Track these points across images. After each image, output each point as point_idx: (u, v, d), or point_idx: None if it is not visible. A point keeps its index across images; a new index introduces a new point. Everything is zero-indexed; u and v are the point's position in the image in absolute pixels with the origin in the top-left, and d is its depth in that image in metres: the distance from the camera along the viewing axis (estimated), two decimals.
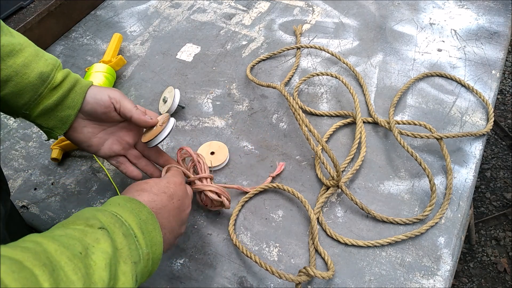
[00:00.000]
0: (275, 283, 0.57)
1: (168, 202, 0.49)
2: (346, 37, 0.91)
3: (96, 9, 1.05)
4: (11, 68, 0.49)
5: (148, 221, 0.44)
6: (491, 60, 0.83)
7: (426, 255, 0.58)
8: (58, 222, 0.66)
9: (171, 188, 0.51)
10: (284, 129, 0.76)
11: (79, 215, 0.40)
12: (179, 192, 0.52)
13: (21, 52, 0.50)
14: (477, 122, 0.73)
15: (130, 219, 0.42)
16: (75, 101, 0.54)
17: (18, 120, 0.82)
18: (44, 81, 0.52)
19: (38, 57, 0.52)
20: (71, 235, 0.35)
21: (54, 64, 0.53)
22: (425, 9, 0.95)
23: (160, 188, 0.50)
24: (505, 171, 1.65)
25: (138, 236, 0.41)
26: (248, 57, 0.89)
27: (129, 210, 0.43)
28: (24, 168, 0.74)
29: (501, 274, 1.41)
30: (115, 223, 0.40)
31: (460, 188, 0.65)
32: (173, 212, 0.49)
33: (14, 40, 0.50)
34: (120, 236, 0.38)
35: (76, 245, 0.33)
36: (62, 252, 0.31)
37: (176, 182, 0.53)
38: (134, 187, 0.50)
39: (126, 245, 0.38)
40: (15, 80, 0.50)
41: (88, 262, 0.33)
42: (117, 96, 0.56)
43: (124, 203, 0.44)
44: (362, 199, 0.64)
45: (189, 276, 0.59)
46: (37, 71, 0.51)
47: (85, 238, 0.35)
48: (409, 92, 0.79)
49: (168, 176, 0.54)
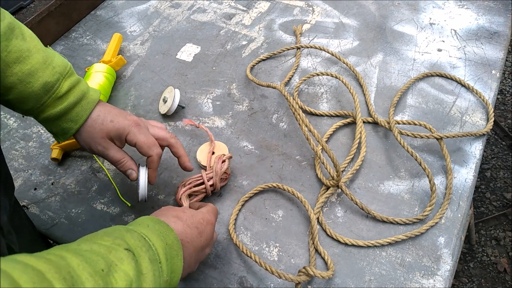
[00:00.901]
0: (275, 283, 0.57)
1: (196, 238, 0.49)
2: (346, 37, 0.91)
3: (96, 9, 1.05)
4: (16, 76, 0.49)
5: (173, 246, 0.44)
6: (491, 60, 0.83)
7: (426, 255, 0.58)
8: (58, 222, 0.67)
9: (203, 225, 0.51)
10: (284, 129, 0.76)
11: (108, 231, 0.40)
12: (208, 232, 0.51)
13: (28, 59, 0.50)
14: (477, 122, 0.73)
15: (157, 243, 0.41)
16: (79, 116, 0.53)
17: (18, 120, 0.82)
18: (47, 91, 0.51)
19: (46, 65, 0.51)
20: (96, 251, 0.35)
21: (61, 72, 0.52)
22: (425, 9, 0.95)
23: (194, 222, 0.50)
24: (505, 171, 1.65)
25: (162, 262, 0.40)
26: (248, 57, 0.89)
27: (157, 234, 0.43)
28: (24, 168, 0.74)
29: (501, 274, 1.41)
30: (142, 247, 0.39)
31: (460, 188, 0.65)
32: (197, 248, 0.49)
33: (23, 45, 0.50)
34: (146, 260, 0.38)
35: (99, 261, 0.33)
36: (84, 267, 0.31)
37: (210, 221, 0.53)
38: (171, 212, 0.50)
39: (151, 270, 0.38)
40: (18, 88, 0.49)
41: (109, 279, 0.33)
42: (100, 148, 0.55)
43: (153, 225, 0.44)
44: (362, 199, 0.64)
45: (189, 276, 0.59)
46: (41, 81, 0.50)
47: (110, 255, 0.35)
48: (409, 92, 0.79)
49: (204, 211, 0.53)
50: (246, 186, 0.68)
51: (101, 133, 0.54)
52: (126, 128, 0.55)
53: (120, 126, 0.54)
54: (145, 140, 0.55)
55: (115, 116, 0.55)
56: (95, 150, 0.56)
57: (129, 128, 0.55)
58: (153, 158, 0.56)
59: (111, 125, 0.54)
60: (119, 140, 0.56)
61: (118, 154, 0.56)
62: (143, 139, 0.55)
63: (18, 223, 0.59)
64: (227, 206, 0.66)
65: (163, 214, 0.49)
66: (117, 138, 0.55)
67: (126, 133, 0.55)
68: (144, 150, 0.55)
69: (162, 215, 0.49)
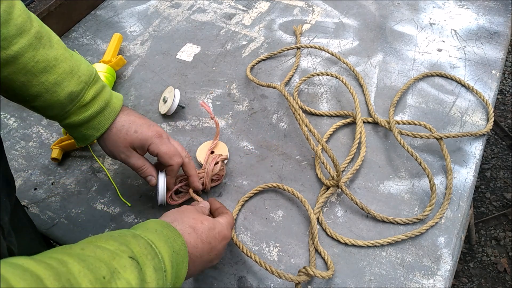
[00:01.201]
0: (275, 283, 0.57)
1: (206, 253, 0.49)
2: (346, 37, 0.91)
3: (96, 9, 1.05)
4: (42, 85, 0.50)
5: (180, 252, 0.43)
6: (491, 60, 0.83)
7: (426, 255, 0.58)
8: (58, 222, 0.67)
9: (217, 240, 0.50)
10: (284, 129, 0.76)
11: (114, 236, 0.40)
12: (220, 248, 0.51)
13: (55, 69, 0.50)
14: (477, 122, 0.73)
15: (164, 250, 0.41)
16: (101, 124, 0.55)
17: (18, 120, 0.82)
18: (72, 100, 0.52)
19: (72, 74, 0.52)
20: (99, 256, 0.34)
21: (86, 81, 0.53)
22: (425, 9, 0.95)
23: (209, 236, 0.49)
24: (505, 171, 1.65)
25: (167, 271, 0.40)
26: (248, 57, 0.89)
27: (165, 240, 0.42)
28: (24, 168, 0.74)
29: (501, 274, 1.41)
30: (147, 255, 0.39)
31: (460, 188, 0.65)
32: (204, 263, 0.49)
33: (51, 53, 0.50)
34: (151, 269, 0.38)
35: (101, 268, 0.33)
36: (85, 274, 0.31)
37: (225, 237, 0.52)
38: (190, 220, 0.49)
39: (155, 279, 0.37)
40: (44, 96, 0.51)
41: (110, 287, 0.32)
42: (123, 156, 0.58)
43: (161, 229, 0.44)
44: (362, 199, 0.64)
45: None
46: (67, 91, 0.51)
47: (113, 262, 0.35)
48: (409, 92, 0.79)
49: (223, 224, 0.53)
50: (246, 186, 0.68)
51: (125, 143, 0.57)
52: (149, 139, 0.57)
53: (143, 137, 0.57)
54: (166, 150, 0.58)
55: (139, 126, 0.57)
56: (117, 157, 0.58)
57: (151, 139, 0.57)
58: (173, 167, 0.59)
59: (135, 136, 0.57)
60: (141, 149, 0.58)
61: (139, 161, 0.59)
62: (165, 149, 0.58)
63: (18, 224, 0.59)
64: (227, 206, 0.66)
65: (181, 220, 0.49)
66: (139, 148, 0.58)
67: (148, 144, 0.57)
68: (165, 159, 0.58)
69: (180, 221, 0.48)
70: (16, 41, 0.47)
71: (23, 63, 0.48)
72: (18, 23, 0.47)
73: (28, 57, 0.48)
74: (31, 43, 0.48)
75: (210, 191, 0.68)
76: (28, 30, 0.48)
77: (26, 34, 0.48)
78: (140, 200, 0.68)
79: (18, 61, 0.47)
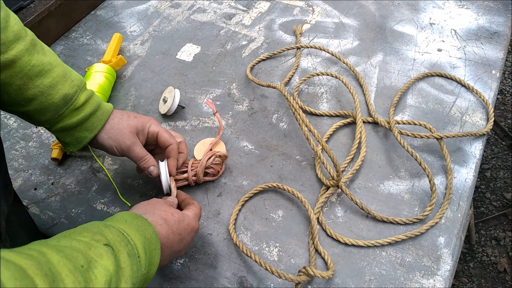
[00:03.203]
0: (275, 283, 0.57)
1: (176, 244, 0.51)
2: (346, 37, 0.91)
3: (96, 9, 1.05)
4: (37, 88, 0.51)
5: (152, 240, 0.45)
6: (491, 60, 0.83)
7: (426, 255, 0.58)
8: (58, 222, 0.67)
9: (186, 232, 0.52)
10: (284, 129, 0.76)
11: (87, 227, 0.41)
12: (189, 240, 0.53)
13: (50, 73, 0.52)
14: (477, 122, 0.73)
15: (135, 237, 0.42)
16: (94, 125, 0.57)
17: (18, 120, 0.82)
18: (67, 102, 0.54)
19: (65, 78, 0.54)
20: (75, 247, 0.35)
21: (79, 85, 0.56)
22: (425, 9, 0.95)
23: (179, 228, 0.51)
24: (505, 171, 1.65)
25: (141, 257, 0.41)
26: (248, 57, 0.89)
27: (136, 228, 0.44)
28: (24, 168, 0.74)
29: (501, 274, 1.41)
30: (120, 242, 0.40)
31: (460, 188, 0.65)
32: (174, 252, 0.51)
33: (45, 59, 0.52)
34: (125, 255, 0.39)
35: (79, 257, 0.34)
36: (64, 263, 0.32)
37: (194, 229, 0.54)
38: (161, 212, 0.51)
39: (129, 265, 0.39)
40: (39, 99, 0.52)
41: (89, 276, 0.33)
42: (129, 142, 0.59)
43: (131, 220, 0.45)
44: (362, 199, 0.64)
45: (189, 276, 0.59)
46: (62, 93, 0.53)
47: (89, 252, 0.36)
48: (409, 92, 0.79)
49: (191, 217, 0.54)
50: (246, 186, 0.68)
51: (130, 128, 0.59)
52: (148, 121, 0.62)
53: (144, 120, 0.61)
54: (165, 130, 0.62)
55: (135, 114, 0.62)
56: (122, 145, 0.59)
57: (150, 121, 0.62)
58: (173, 146, 0.62)
59: (135, 120, 0.61)
60: (142, 133, 0.61)
61: (143, 151, 0.60)
62: (163, 129, 0.62)
63: (13, 230, 0.59)
64: (227, 206, 0.66)
65: (152, 212, 0.50)
66: (141, 131, 0.61)
67: (149, 125, 0.61)
68: (165, 138, 0.61)
69: (151, 213, 0.50)
70: (14, 46, 0.49)
71: (20, 67, 0.50)
72: (15, 30, 0.49)
73: (24, 61, 0.50)
74: (27, 48, 0.50)
75: (210, 190, 0.68)
76: (24, 37, 0.50)
77: (23, 40, 0.50)
78: (140, 200, 0.68)
79: (15, 65, 0.49)
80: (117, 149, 0.59)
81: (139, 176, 0.71)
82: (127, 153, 0.60)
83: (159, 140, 0.62)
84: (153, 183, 0.70)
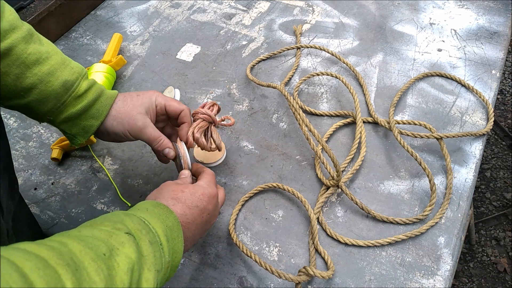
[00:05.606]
0: (275, 283, 0.57)
1: (198, 216, 0.49)
2: (346, 37, 0.91)
3: (96, 9, 1.05)
4: (36, 76, 0.50)
5: (173, 228, 0.44)
6: (491, 60, 0.83)
7: (426, 255, 0.58)
8: (58, 222, 0.67)
9: (204, 201, 0.50)
10: (284, 129, 0.76)
11: (108, 217, 0.41)
12: (210, 206, 0.51)
13: (47, 60, 0.51)
14: (477, 122, 0.73)
15: (157, 225, 0.42)
16: (99, 112, 0.55)
17: (18, 120, 0.82)
18: (68, 90, 0.52)
19: (64, 65, 0.53)
20: (97, 236, 0.35)
21: (79, 72, 0.54)
22: (425, 9, 0.95)
23: (194, 200, 0.49)
24: (505, 171, 1.65)
25: (163, 244, 0.41)
26: (248, 57, 0.89)
27: (157, 216, 0.43)
28: (24, 168, 0.74)
29: (501, 274, 1.41)
30: (142, 230, 0.40)
31: (460, 188, 0.65)
32: (200, 226, 0.50)
33: (42, 48, 0.51)
34: (147, 243, 0.39)
35: (100, 246, 0.34)
36: (86, 252, 0.32)
37: (211, 195, 0.52)
38: (169, 193, 0.49)
39: (152, 252, 0.38)
40: (39, 87, 0.50)
41: (111, 263, 0.33)
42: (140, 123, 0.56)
43: (152, 208, 0.45)
44: (362, 199, 0.64)
45: (189, 275, 0.59)
46: (61, 79, 0.51)
47: (110, 239, 0.35)
48: (409, 92, 0.79)
49: (203, 186, 0.52)
50: (246, 186, 0.68)
51: (138, 108, 0.56)
52: (153, 95, 0.59)
53: (148, 95, 0.58)
54: (171, 99, 0.59)
55: (138, 92, 0.59)
56: (134, 128, 0.56)
57: (154, 94, 0.59)
58: (185, 111, 0.59)
59: (140, 98, 0.57)
60: (151, 108, 0.58)
61: (156, 131, 0.57)
62: (169, 98, 0.59)
63: (19, 228, 0.59)
64: (227, 206, 0.66)
65: (161, 196, 0.49)
66: (149, 107, 0.58)
67: (154, 99, 0.58)
68: (175, 107, 0.59)
69: (161, 198, 0.49)
70: (9, 35, 0.48)
71: (17, 55, 0.49)
72: (10, 19, 0.48)
73: (21, 48, 0.49)
74: (23, 36, 0.49)
75: None
76: (20, 27, 0.49)
77: (18, 29, 0.49)
78: (140, 200, 0.68)
79: (11, 53, 0.48)
80: (130, 133, 0.56)
81: (139, 176, 0.71)
82: (139, 136, 0.57)
83: (168, 110, 0.59)
84: (153, 183, 0.70)
